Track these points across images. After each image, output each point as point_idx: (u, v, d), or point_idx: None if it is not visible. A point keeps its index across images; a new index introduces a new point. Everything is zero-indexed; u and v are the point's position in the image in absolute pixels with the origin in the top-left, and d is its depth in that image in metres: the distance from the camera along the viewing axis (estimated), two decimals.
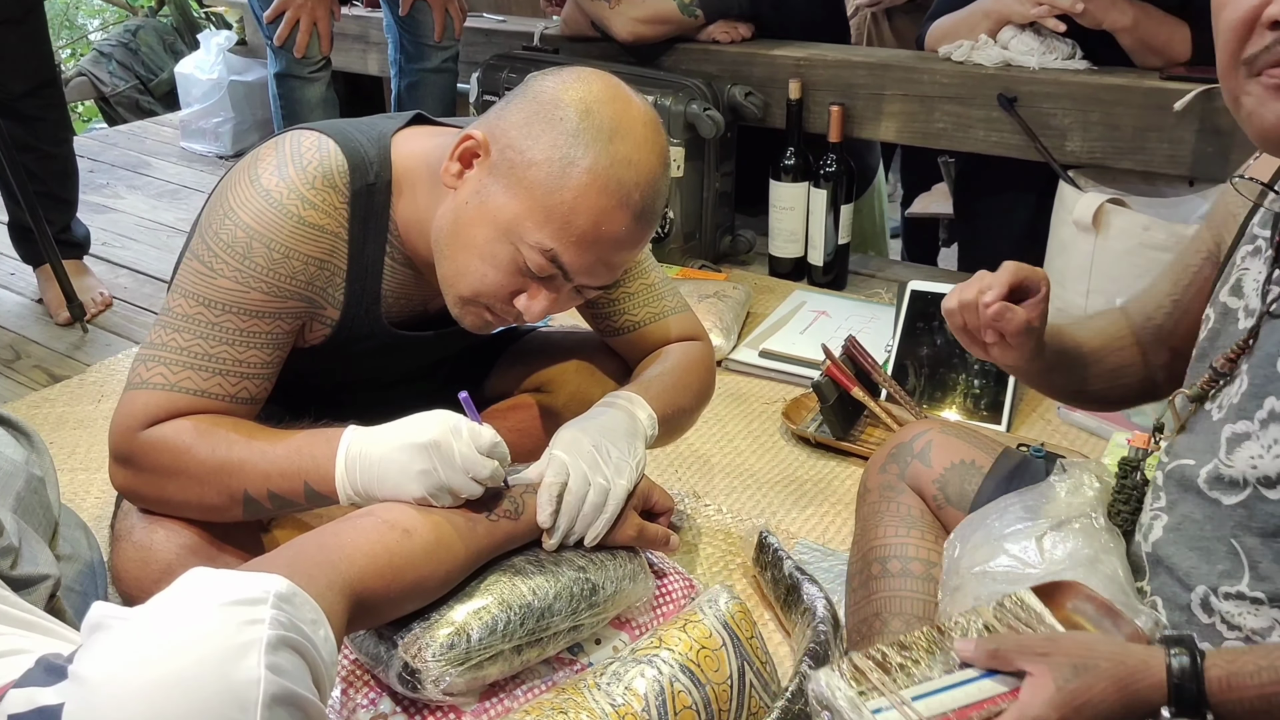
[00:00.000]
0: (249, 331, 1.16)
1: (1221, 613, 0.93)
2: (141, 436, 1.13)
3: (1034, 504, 1.08)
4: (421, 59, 2.61)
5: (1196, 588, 0.95)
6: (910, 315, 1.93)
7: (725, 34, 2.48)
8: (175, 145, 3.66)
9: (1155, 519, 1.01)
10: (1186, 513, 0.97)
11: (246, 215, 1.14)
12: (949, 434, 1.26)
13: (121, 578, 1.17)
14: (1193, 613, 0.96)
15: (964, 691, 0.87)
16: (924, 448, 1.24)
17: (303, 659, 0.74)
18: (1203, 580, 0.95)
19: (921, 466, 1.23)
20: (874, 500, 1.26)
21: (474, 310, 1.19)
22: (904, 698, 0.87)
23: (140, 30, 4.56)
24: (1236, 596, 0.92)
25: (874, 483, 1.27)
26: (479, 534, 1.06)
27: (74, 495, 1.69)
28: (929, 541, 1.20)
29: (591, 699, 1.03)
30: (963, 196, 2.56)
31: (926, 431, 1.26)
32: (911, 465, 1.24)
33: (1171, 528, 0.98)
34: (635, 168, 1.11)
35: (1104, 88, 2.08)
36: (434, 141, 1.22)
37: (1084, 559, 1.00)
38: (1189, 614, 0.96)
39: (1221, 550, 0.93)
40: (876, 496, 1.26)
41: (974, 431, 1.29)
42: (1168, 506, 0.99)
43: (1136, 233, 1.90)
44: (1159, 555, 1.00)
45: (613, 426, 1.19)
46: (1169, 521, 0.99)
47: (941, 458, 1.23)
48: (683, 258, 2.44)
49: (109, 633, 0.71)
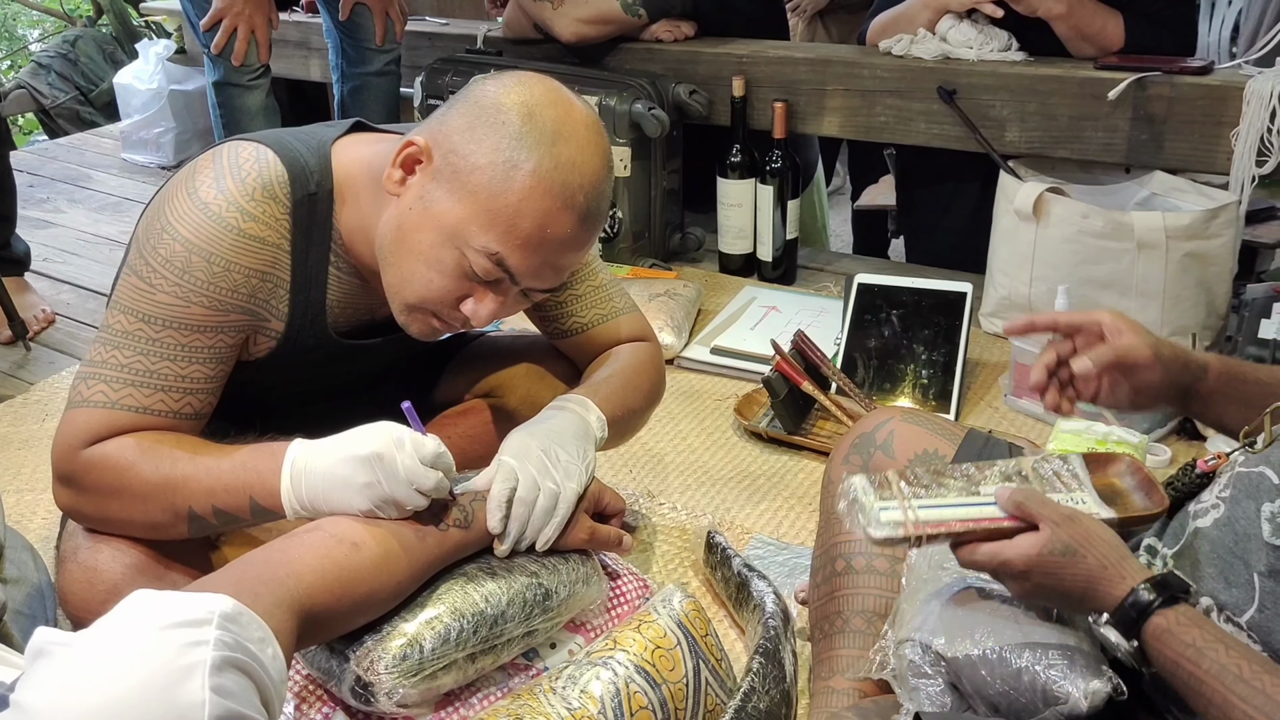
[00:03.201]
0: (190, 346, 1.14)
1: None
2: (84, 455, 1.12)
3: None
4: (363, 63, 2.59)
5: (1203, 599, 0.95)
6: (858, 308, 1.95)
7: (668, 33, 2.49)
8: (116, 157, 3.61)
9: (1215, 507, 0.98)
10: (1237, 517, 0.95)
11: (185, 229, 1.13)
12: (910, 422, 1.26)
13: (68, 599, 1.16)
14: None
15: (967, 511, 0.98)
16: (886, 438, 1.24)
17: (249, 679, 0.73)
18: (1212, 594, 0.95)
19: (885, 458, 1.23)
20: (836, 493, 1.26)
21: (420, 317, 1.19)
22: (912, 504, 0.98)
23: (79, 40, 4.49)
24: (1234, 626, 0.92)
25: (837, 475, 1.27)
26: (429, 545, 1.06)
27: (20, 517, 1.67)
28: None
29: (547, 704, 1.03)
30: (905, 189, 2.58)
31: (888, 421, 1.26)
32: (875, 457, 1.24)
33: (1222, 523, 0.96)
34: (579, 170, 1.11)
35: (1040, 78, 2.11)
36: (375, 149, 1.22)
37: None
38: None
39: (1243, 578, 0.92)
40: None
41: (933, 418, 1.29)
42: (1230, 500, 0.96)
43: (1076, 220, 1.93)
44: (1195, 544, 0.98)
45: (562, 430, 1.19)
46: (1222, 515, 0.96)
47: (904, 448, 1.23)
48: (632, 257, 2.44)
49: (51, 659, 0.70)
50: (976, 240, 2.19)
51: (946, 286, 1.93)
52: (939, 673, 1.00)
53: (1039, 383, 1.11)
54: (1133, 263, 1.90)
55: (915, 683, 1.00)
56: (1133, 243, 1.88)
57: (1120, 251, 1.90)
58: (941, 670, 0.99)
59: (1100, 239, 1.91)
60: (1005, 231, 2.05)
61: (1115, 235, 1.89)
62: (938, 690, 0.99)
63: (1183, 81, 1.99)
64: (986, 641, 0.97)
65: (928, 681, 1.00)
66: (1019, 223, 2.00)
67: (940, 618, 1.01)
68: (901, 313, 1.92)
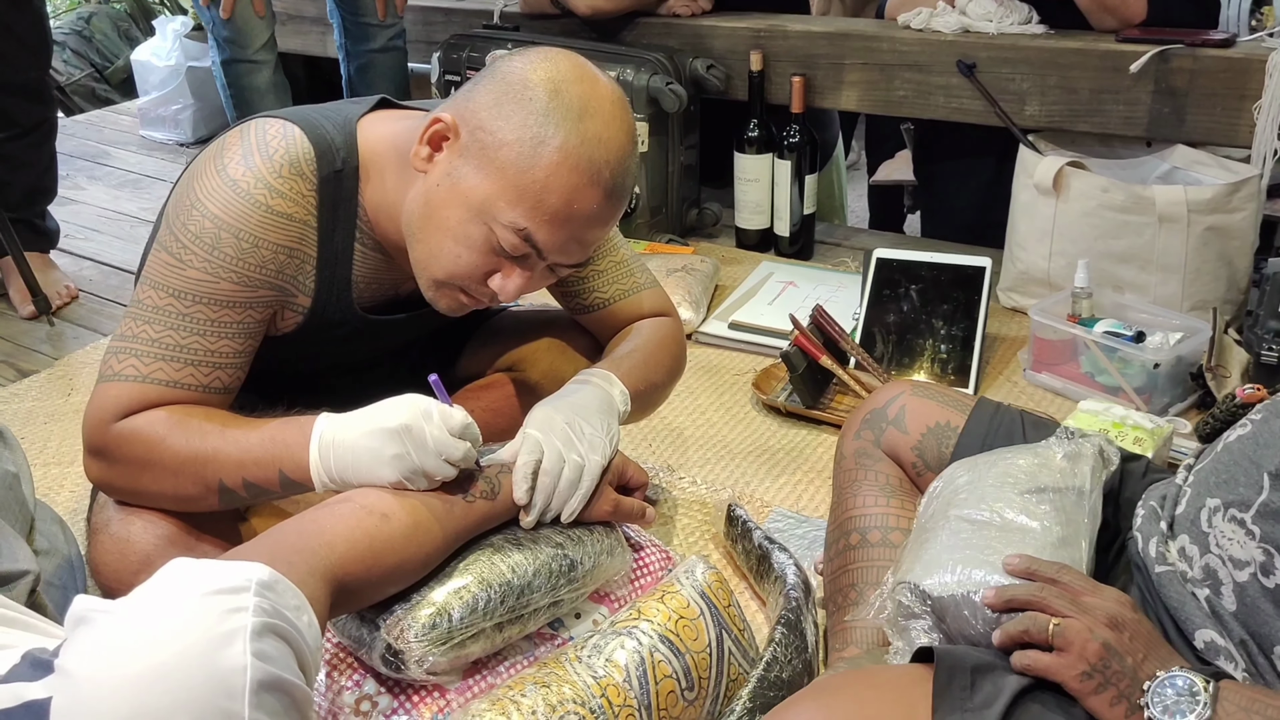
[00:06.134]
0: (220, 321, 1.16)
1: (1218, 530, 0.94)
2: (115, 429, 1.13)
3: (1028, 464, 1.08)
4: (366, 40, 2.56)
5: (1211, 499, 0.95)
6: (876, 283, 1.95)
7: (685, 7, 2.48)
8: (134, 134, 3.62)
9: (1243, 426, 0.99)
10: (1262, 432, 0.95)
11: (214, 205, 1.14)
12: (920, 395, 1.26)
13: (100, 570, 1.17)
14: (1200, 521, 0.96)
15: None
16: (898, 413, 1.25)
17: (288, 645, 0.75)
18: (1221, 495, 0.95)
19: (898, 433, 1.24)
20: (849, 467, 1.26)
21: (448, 292, 1.20)
22: None
23: (94, 17, 4.49)
24: (1238, 523, 0.92)
25: (849, 449, 1.28)
26: (457, 516, 1.07)
27: (48, 490, 1.69)
28: (909, 510, 1.20)
29: (573, 672, 1.05)
30: (922, 163, 2.58)
31: (899, 395, 1.27)
32: (887, 432, 1.25)
33: (1247, 438, 0.97)
34: (605, 145, 1.12)
35: (1061, 51, 2.10)
36: (401, 125, 1.22)
37: (1055, 538, 1.01)
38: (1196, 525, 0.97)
39: (1253, 477, 0.93)
40: (852, 463, 1.26)
41: (945, 390, 1.30)
42: (1260, 421, 0.97)
43: (1096, 194, 1.92)
44: (1217, 455, 0.98)
45: (586, 403, 1.20)
46: (1248, 431, 0.97)
47: (916, 423, 1.24)
48: (650, 232, 2.45)
49: (93, 626, 0.72)
50: (994, 215, 2.19)
51: (965, 261, 1.93)
52: (925, 612, 1.00)
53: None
54: (1153, 237, 1.89)
55: (905, 623, 1.01)
56: (1153, 217, 1.88)
57: (1141, 225, 1.89)
58: (929, 610, 1.00)
59: (1121, 213, 1.90)
60: (1024, 206, 2.05)
61: (1136, 209, 1.89)
62: (925, 627, 1.00)
63: (1205, 54, 1.98)
64: (969, 582, 0.97)
65: (916, 621, 1.01)
66: (1038, 197, 1.99)
67: (930, 560, 1.02)
68: (920, 287, 1.92)
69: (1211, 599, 0.94)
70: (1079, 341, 1.79)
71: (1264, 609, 0.90)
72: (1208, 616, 0.93)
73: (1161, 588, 0.97)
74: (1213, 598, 0.93)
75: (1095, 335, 1.76)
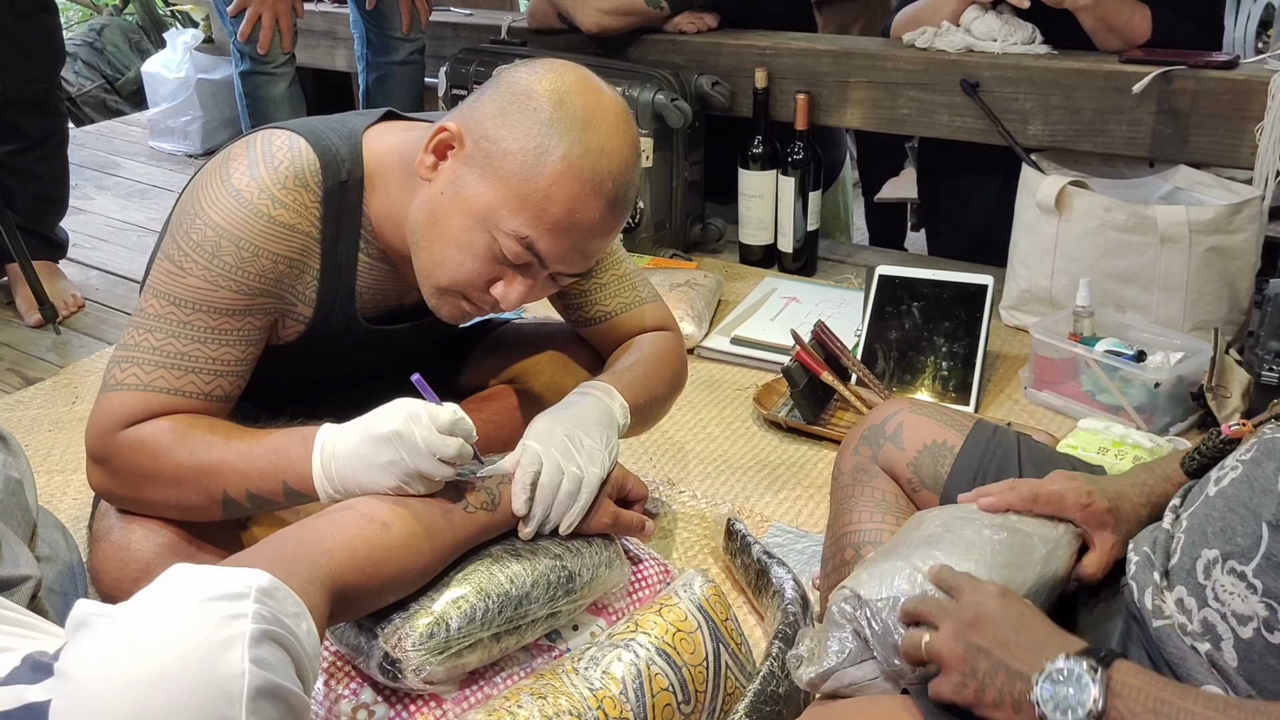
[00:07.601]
0: (220, 329, 1.17)
1: (1217, 583, 0.92)
2: (119, 438, 1.14)
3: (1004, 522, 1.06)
4: (388, 52, 2.62)
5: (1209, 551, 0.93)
6: (879, 299, 1.95)
7: (691, 24, 2.50)
8: (144, 145, 3.64)
9: (1234, 469, 0.96)
10: (1255, 475, 0.93)
11: (217, 215, 1.15)
12: (919, 413, 1.26)
13: (101, 578, 1.18)
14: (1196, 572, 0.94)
15: None
16: (896, 430, 1.25)
17: (286, 652, 0.75)
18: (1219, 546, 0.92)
19: (895, 450, 1.24)
20: (847, 483, 1.27)
21: (451, 300, 1.21)
22: None
23: (105, 29, 4.52)
24: (1238, 575, 0.90)
25: (846, 465, 1.28)
26: (456, 526, 1.07)
27: (51, 497, 1.69)
28: None
29: (570, 684, 1.05)
30: (927, 182, 2.59)
31: (898, 412, 1.27)
32: (884, 448, 1.25)
33: (1240, 481, 0.94)
34: (608, 156, 1.13)
35: (1064, 72, 2.11)
36: (406, 136, 1.24)
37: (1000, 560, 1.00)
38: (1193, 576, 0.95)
39: (1250, 527, 0.90)
40: (850, 479, 1.27)
41: (943, 409, 1.30)
42: (1250, 462, 0.95)
43: (1098, 214, 1.93)
44: (1210, 502, 0.97)
45: (586, 416, 1.21)
46: (1240, 474, 0.95)
47: (914, 440, 1.24)
48: (653, 247, 2.46)
49: (94, 630, 0.72)
50: (998, 233, 2.19)
51: (967, 279, 1.94)
52: (848, 620, 0.98)
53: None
54: (1155, 257, 1.90)
55: (829, 634, 0.99)
56: (1155, 237, 1.88)
57: (1143, 245, 1.90)
58: (861, 618, 0.98)
59: (1123, 232, 1.91)
60: (1027, 224, 2.05)
61: (1138, 229, 1.90)
62: (843, 637, 0.98)
63: (1208, 75, 1.99)
64: (895, 590, 0.96)
65: (837, 631, 0.99)
66: (1041, 216, 2.00)
67: (877, 570, 1.00)
68: (922, 305, 1.93)
69: (1212, 654, 0.90)
70: (1080, 360, 1.80)
71: (1271, 665, 0.86)
72: (1209, 671, 0.90)
73: (1161, 642, 0.93)
74: (1213, 652, 0.90)
75: (1096, 354, 1.76)
